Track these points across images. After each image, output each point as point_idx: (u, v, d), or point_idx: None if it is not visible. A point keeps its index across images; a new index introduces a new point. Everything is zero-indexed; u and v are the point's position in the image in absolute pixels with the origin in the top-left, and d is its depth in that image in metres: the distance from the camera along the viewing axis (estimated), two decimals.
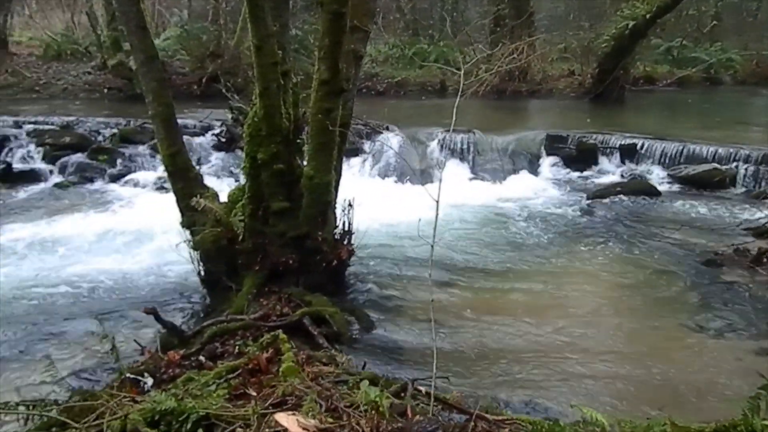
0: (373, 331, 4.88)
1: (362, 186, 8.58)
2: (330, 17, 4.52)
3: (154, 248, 6.76)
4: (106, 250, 6.79)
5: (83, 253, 6.78)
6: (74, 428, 2.57)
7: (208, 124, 10.98)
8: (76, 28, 19.37)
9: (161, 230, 6.96)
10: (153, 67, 5.49)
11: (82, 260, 6.57)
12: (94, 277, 6.14)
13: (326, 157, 5.04)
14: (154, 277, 6.21)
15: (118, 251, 6.79)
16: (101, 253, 6.77)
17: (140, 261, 6.53)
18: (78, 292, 5.83)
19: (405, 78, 17.02)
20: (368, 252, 6.17)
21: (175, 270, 6.13)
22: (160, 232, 6.99)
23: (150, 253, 6.70)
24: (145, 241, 6.89)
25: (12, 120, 11.03)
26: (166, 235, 6.51)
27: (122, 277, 6.19)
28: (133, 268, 6.40)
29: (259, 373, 3.06)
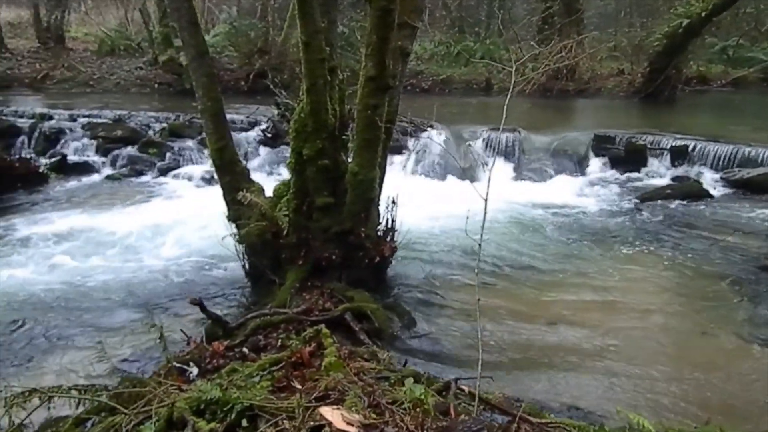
0: (414, 328, 4.86)
1: (405, 183, 8.55)
2: (378, 14, 4.51)
3: (201, 241, 6.88)
4: (155, 242, 6.94)
5: (132, 243, 6.94)
6: (123, 414, 2.63)
7: (255, 119, 11.13)
8: (129, 24, 19.90)
9: (207, 223, 7.08)
10: (203, 63, 5.59)
11: (132, 251, 6.74)
12: (143, 268, 6.30)
13: (371, 153, 5.04)
14: (200, 269, 6.32)
15: (165, 243, 6.93)
16: (149, 244, 6.93)
17: (187, 253, 6.66)
18: (127, 282, 5.97)
19: (450, 76, 16.95)
20: (411, 249, 6.16)
21: (221, 262, 6.24)
22: (206, 225, 7.10)
23: (196, 245, 6.82)
24: (192, 234, 7.01)
25: (67, 113, 11.41)
26: (212, 228, 6.63)
27: (169, 268, 6.32)
28: (180, 259, 6.53)
29: (302, 367, 3.09)
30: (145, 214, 7.89)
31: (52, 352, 4.63)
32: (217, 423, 2.49)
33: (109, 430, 2.67)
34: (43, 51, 16.96)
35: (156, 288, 5.90)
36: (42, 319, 5.10)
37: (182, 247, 6.80)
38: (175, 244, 6.88)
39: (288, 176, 8.12)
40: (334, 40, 5.35)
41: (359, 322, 4.59)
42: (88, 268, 6.20)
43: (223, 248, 5.62)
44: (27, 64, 16.08)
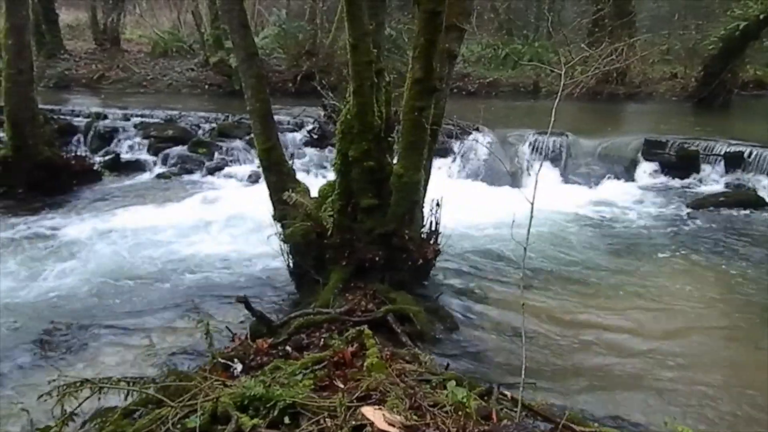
0: (457, 332, 4.84)
1: (450, 186, 8.54)
2: (426, 16, 4.51)
3: (247, 239, 7.00)
4: (202, 239, 7.09)
5: (181, 240, 7.10)
6: (170, 407, 2.69)
7: (302, 120, 11.26)
8: (182, 26, 20.36)
9: (253, 222, 7.22)
10: (253, 64, 5.69)
11: (180, 247, 6.89)
12: (190, 264, 6.44)
13: (416, 155, 5.03)
14: (245, 267, 6.43)
15: (213, 240, 7.07)
16: (198, 241, 7.08)
17: (233, 250, 6.78)
18: (176, 278, 6.12)
19: (497, 78, 16.81)
20: (454, 253, 6.14)
21: (266, 261, 6.32)
22: (252, 223, 7.24)
23: (242, 243, 6.94)
24: (238, 232, 7.14)
25: (121, 113, 11.76)
26: (258, 227, 6.75)
27: (216, 266, 6.45)
28: (227, 257, 6.65)
29: (344, 367, 3.11)
30: (193, 212, 8.06)
31: (103, 344, 4.77)
32: (260, 419, 2.52)
33: (156, 422, 2.73)
34: (100, 52, 17.51)
35: (203, 284, 6.02)
36: (94, 312, 5.27)
37: (229, 244, 6.92)
38: (222, 241, 7.01)
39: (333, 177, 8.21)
40: (382, 42, 5.38)
41: (401, 324, 4.58)
42: (138, 264, 6.37)
43: (269, 247, 5.70)
44: (84, 65, 16.62)
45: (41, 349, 4.55)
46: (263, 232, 5.90)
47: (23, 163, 8.47)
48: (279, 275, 5.99)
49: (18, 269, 6.05)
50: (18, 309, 5.29)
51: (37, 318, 5.12)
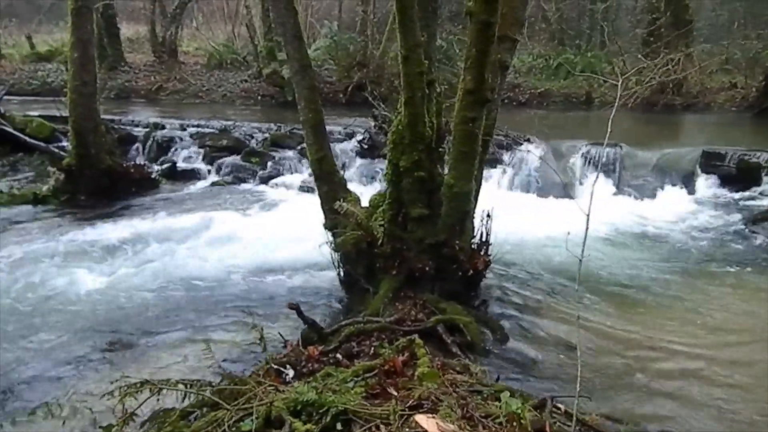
0: (507, 344, 4.79)
1: (500, 197, 8.49)
2: (479, 27, 4.52)
3: (297, 247, 7.06)
4: (255, 246, 7.21)
5: (234, 247, 7.24)
6: (225, 410, 2.75)
7: (352, 131, 11.36)
8: (236, 39, 20.87)
9: (304, 231, 7.29)
10: (306, 76, 5.80)
11: (234, 254, 7.02)
12: (244, 270, 6.56)
13: (468, 166, 5.04)
14: (296, 274, 6.50)
15: (265, 248, 7.19)
16: (250, 248, 7.20)
17: (284, 258, 6.87)
18: (228, 284, 6.24)
19: (549, 89, 16.65)
20: (505, 264, 6.09)
21: (316, 269, 6.38)
22: (303, 232, 7.32)
23: (293, 251, 7.01)
24: (290, 240, 7.22)
25: (178, 123, 12.13)
26: (309, 236, 6.83)
27: (267, 272, 6.55)
28: (278, 264, 6.74)
29: (395, 375, 3.12)
30: (246, 221, 8.23)
31: (159, 348, 4.89)
32: (312, 424, 2.56)
33: (212, 424, 2.80)
34: (158, 64, 18.11)
35: (255, 291, 6.13)
36: (152, 316, 5.43)
37: (280, 252, 7.02)
38: (273, 249, 7.12)
39: (383, 187, 8.25)
40: (433, 53, 5.40)
41: (451, 334, 4.58)
42: (194, 269, 6.52)
43: (320, 255, 5.77)
44: (143, 77, 17.21)
45: (101, 351, 4.71)
46: (314, 240, 5.98)
47: (86, 171, 8.82)
48: (329, 283, 6.05)
49: (80, 273, 6.28)
50: (80, 312, 5.49)
51: (97, 321, 5.31)
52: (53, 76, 17.30)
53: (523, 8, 5.33)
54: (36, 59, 19.24)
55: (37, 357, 4.53)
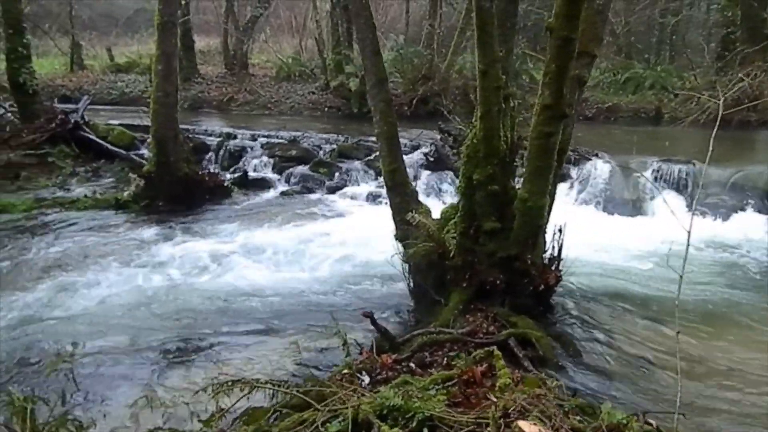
0: (580, 360, 4.76)
1: (567, 213, 8.39)
2: (559, 43, 4.53)
3: (366, 257, 7.21)
4: (324, 255, 7.38)
5: (304, 255, 7.44)
6: (313, 410, 2.86)
7: (417, 143, 11.45)
8: (303, 51, 21.36)
9: (372, 241, 7.44)
10: (382, 89, 5.95)
11: (303, 262, 7.22)
12: (313, 278, 6.74)
13: (542, 181, 5.04)
14: (365, 283, 6.63)
15: (333, 256, 7.34)
16: (319, 256, 7.38)
17: (353, 267, 7.02)
18: (299, 290, 6.42)
19: (616, 103, 16.33)
20: (575, 280, 6.03)
21: (385, 279, 6.50)
22: (371, 242, 7.47)
23: (361, 260, 7.16)
24: (358, 250, 7.37)
25: (249, 133, 12.52)
26: (377, 246, 6.96)
27: (337, 281, 6.70)
28: (347, 272, 6.90)
29: (474, 385, 3.17)
30: (315, 229, 8.42)
31: (232, 349, 5.08)
32: (399, 429, 2.63)
33: (299, 424, 2.91)
34: (229, 76, 18.71)
35: (323, 298, 6.28)
36: (227, 320, 5.65)
37: (348, 261, 7.17)
38: (342, 258, 7.27)
39: (450, 199, 8.31)
40: (510, 68, 5.46)
41: (523, 348, 4.58)
42: (265, 276, 6.75)
43: (388, 265, 5.87)
44: (215, 88, 17.82)
45: (185, 351, 4.93)
46: (382, 250, 6.10)
47: (165, 178, 9.20)
48: (398, 293, 6.14)
49: (160, 276, 6.59)
50: (161, 313, 5.77)
51: (179, 322, 5.56)
52: (131, 87, 18.13)
53: (603, 24, 5.32)
54: (115, 70, 20.19)
55: (128, 354, 4.80)
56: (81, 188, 10.05)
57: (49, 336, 5.16)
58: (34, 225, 8.25)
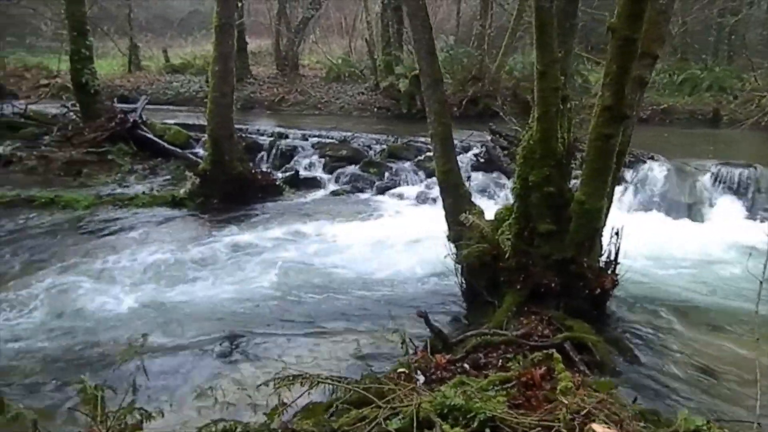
0: (638, 366, 4.67)
1: (622, 216, 8.24)
2: (621, 43, 4.47)
3: (416, 257, 7.22)
4: (374, 254, 7.43)
5: (354, 254, 7.49)
6: (373, 407, 2.89)
7: (468, 144, 11.40)
8: (353, 52, 21.50)
9: (422, 241, 7.46)
10: (437, 90, 5.96)
11: (354, 260, 7.27)
12: (364, 277, 6.78)
13: (600, 183, 4.97)
14: (415, 283, 6.66)
15: (384, 256, 7.38)
16: (370, 255, 7.42)
17: (403, 267, 7.03)
18: (349, 289, 6.48)
19: (672, 105, 15.93)
20: (632, 284, 5.90)
21: (435, 279, 6.53)
22: (421, 242, 7.48)
23: (411, 260, 7.16)
24: (410, 250, 7.39)
25: (300, 133, 12.68)
26: (427, 246, 6.97)
27: (387, 280, 6.73)
28: (397, 272, 6.92)
29: (534, 388, 3.15)
30: (365, 229, 8.48)
31: (290, 345, 5.18)
32: (460, 428, 2.64)
33: (359, 420, 2.94)
34: (280, 77, 18.99)
35: (376, 297, 6.32)
36: (278, 316, 5.76)
37: (400, 261, 7.18)
38: (393, 257, 7.30)
39: (501, 201, 8.25)
40: (569, 69, 5.40)
41: (579, 352, 4.52)
42: (318, 274, 6.83)
43: (439, 266, 5.88)
44: (267, 89, 18.11)
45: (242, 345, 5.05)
46: (433, 251, 6.10)
47: (219, 177, 9.41)
48: (449, 294, 6.13)
49: (217, 272, 6.74)
50: (218, 308, 5.92)
51: (234, 317, 5.70)
52: (185, 87, 18.56)
53: (666, 24, 5.21)
54: (170, 71, 20.71)
55: (191, 347, 4.98)
56: (139, 185, 10.36)
57: (116, 328, 5.38)
58: (96, 221, 8.53)
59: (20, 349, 4.97)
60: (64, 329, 5.40)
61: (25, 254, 7.24)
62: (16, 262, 7.05)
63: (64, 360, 4.80)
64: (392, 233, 8.11)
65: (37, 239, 7.72)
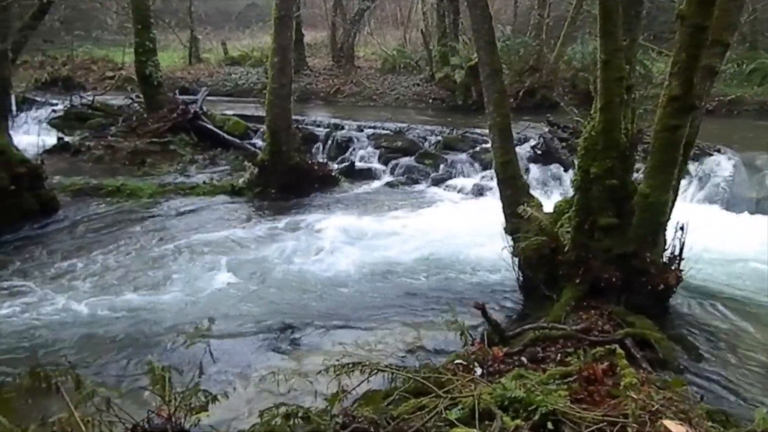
0: (703, 365, 4.54)
1: (686, 210, 7.99)
2: (690, 30, 4.33)
3: (471, 249, 7.18)
4: (430, 245, 7.42)
5: (408, 245, 7.50)
6: (432, 396, 2.90)
7: (524, 136, 11.22)
8: (407, 43, 21.43)
9: (478, 234, 7.40)
10: (496, 80, 5.89)
11: (408, 251, 7.29)
12: (419, 267, 6.79)
13: (666, 176, 4.83)
14: (470, 275, 6.64)
15: (439, 247, 7.37)
16: (424, 247, 7.42)
17: (459, 259, 7.01)
18: (403, 279, 6.54)
19: (740, 96, 15.28)
20: (695, 280, 5.73)
21: (492, 272, 6.47)
22: (477, 235, 7.43)
23: (467, 253, 7.13)
24: (466, 241, 7.35)
25: (356, 124, 12.74)
26: (482, 239, 6.92)
27: (442, 271, 6.73)
28: (452, 264, 6.90)
29: (596, 383, 3.10)
30: (421, 220, 8.48)
31: (349, 332, 5.25)
32: (521, 420, 2.62)
33: (418, 409, 2.96)
34: (336, 68, 19.10)
35: (432, 287, 6.33)
36: (341, 303, 5.89)
37: (455, 252, 7.17)
38: (449, 248, 7.28)
39: (558, 193, 8.11)
40: (634, 58, 5.26)
41: (641, 349, 4.42)
42: (375, 262, 6.91)
43: (495, 258, 5.83)
44: (323, 80, 18.24)
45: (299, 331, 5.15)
46: (489, 243, 6.06)
47: (277, 167, 9.56)
48: (506, 287, 6.10)
49: (276, 260, 6.89)
50: (278, 295, 6.07)
51: (291, 304, 5.82)
52: (244, 79, 18.87)
53: (738, 11, 5.00)
54: (229, 63, 21.11)
55: (254, 333, 5.13)
56: (199, 175, 10.64)
57: (179, 310, 5.58)
58: (159, 209, 8.83)
59: (92, 330, 5.21)
60: (132, 310, 5.63)
61: (96, 238, 7.56)
62: (89, 245, 7.36)
63: (133, 341, 5.00)
64: (447, 225, 8.10)
65: (107, 224, 8.05)
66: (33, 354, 4.68)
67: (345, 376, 3.13)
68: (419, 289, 6.25)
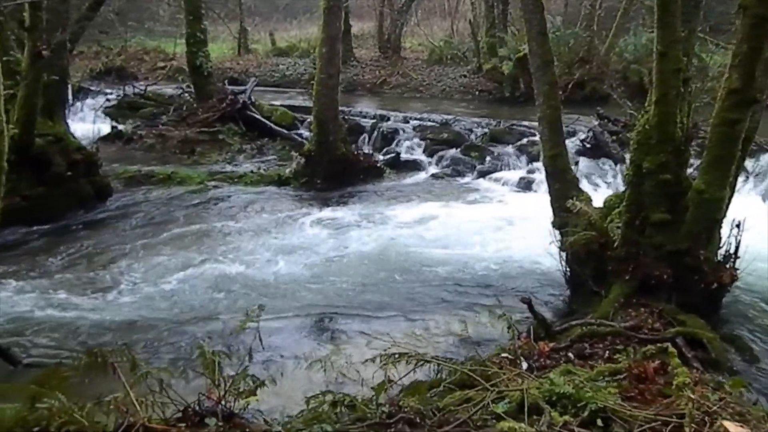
0: (758, 366, 4.41)
1: (743, 207, 7.74)
2: (753, 21, 4.19)
3: (518, 243, 7.13)
4: (476, 238, 7.40)
5: (454, 237, 7.49)
6: (480, 389, 2.90)
7: (573, 129, 11.01)
8: (455, 35, 21.25)
9: (524, 228, 7.35)
10: (547, 71, 5.81)
11: (453, 244, 7.27)
12: (462, 260, 6.77)
13: (723, 171, 4.70)
14: (516, 269, 6.59)
15: (485, 240, 7.34)
16: (469, 239, 7.40)
17: (505, 252, 6.97)
18: (445, 271, 6.51)
19: None
20: (752, 280, 5.56)
21: (537, 266, 6.41)
22: (524, 227, 7.38)
23: (514, 246, 7.09)
24: (512, 235, 7.32)
25: (401, 116, 12.74)
26: (529, 233, 6.86)
27: (487, 264, 6.69)
28: (497, 257, 6.86)
29: (647, 381, 3.04)
30: (466, 212, 8.46)
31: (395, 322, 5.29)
32: (570, 416, 2.60)
33: (464, 401, 2.96)
34: (383, 59, 19.08)
35: (477, 280, 6.31)
36: (387, 294, 5.93)
37: (501, 245, 7.14)
38: (494, 241, 7.26)
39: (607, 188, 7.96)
40: (692, 50, 5.11)
41: (692, 348, 4.32)
42: (421, 253, 6.93)
43: (542, 252, 5.76)
44: (369, 71, 18.25)
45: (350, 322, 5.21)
46: (536, 236, 5.99)
47: (324, 157, 9.62)
48: (553, 281, 6.02)
49: (323, 249, 6.96)
50: (324, 284, 6.14)
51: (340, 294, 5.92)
52: (291, 69, 19.04)
53: None
54: (277, 54, 21.31)
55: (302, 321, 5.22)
56: (247, 164, 10.82)
57: (228, 295, 5.73)
58: (209, 196, 9.01)
59: (146, 313, 5.37)
60: (184, 295, 5.79)
61: (148, 224, 7.79)
62: (142, 230, 7.58)
63: (185, 325, 5.14)
64: (493, 217, 8.06)
65: (158, 211, 8.27)
66: (89, 335, 4.86)
67: (391, 366, 3.14)
68: (465, 280, 6.23)
